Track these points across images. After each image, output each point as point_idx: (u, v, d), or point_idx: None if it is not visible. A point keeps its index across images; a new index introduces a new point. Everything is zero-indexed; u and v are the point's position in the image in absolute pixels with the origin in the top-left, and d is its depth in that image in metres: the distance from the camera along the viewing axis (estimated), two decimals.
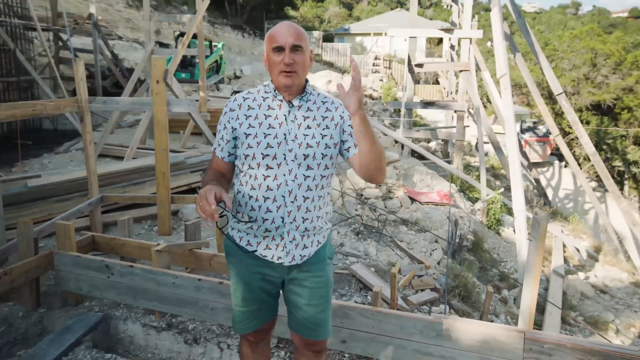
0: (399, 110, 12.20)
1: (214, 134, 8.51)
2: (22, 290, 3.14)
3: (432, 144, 14.31)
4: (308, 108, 1.83)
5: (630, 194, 18.59)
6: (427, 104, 11.17)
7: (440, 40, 33.48)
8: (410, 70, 10.12)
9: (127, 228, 3.81)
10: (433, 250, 5.28)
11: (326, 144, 1.80)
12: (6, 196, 4.46)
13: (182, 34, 15.23)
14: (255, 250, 1.84)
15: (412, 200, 7.04)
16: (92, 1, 11.88)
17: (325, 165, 1.82)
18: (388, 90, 20.11)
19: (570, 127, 17.36)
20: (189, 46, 11.34)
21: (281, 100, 1.80)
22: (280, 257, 1.83)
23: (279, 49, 1.72)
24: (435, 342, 2.50)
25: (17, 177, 5.44)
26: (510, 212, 8.80)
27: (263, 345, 2.10)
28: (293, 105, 1.80)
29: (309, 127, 1.80)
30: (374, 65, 26.36)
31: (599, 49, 19.23)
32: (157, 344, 3.03)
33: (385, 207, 6.50)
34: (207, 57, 14.13)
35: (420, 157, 10.45)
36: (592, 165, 12.31)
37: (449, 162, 10.65)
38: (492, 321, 4.21)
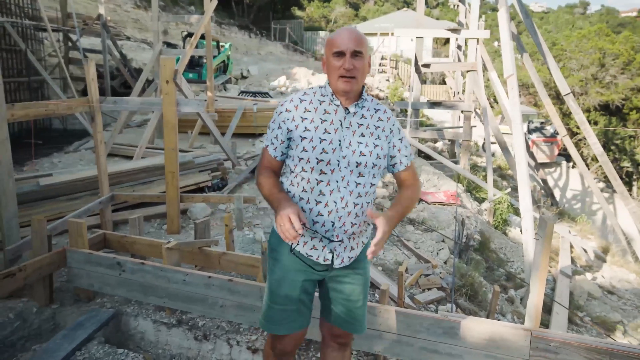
0: (406, 111, 12.20)
1: (222, 134, 8.52)
2: (36, 287, 3.20)
3: (439, 144, 14.30)
4: (362, 115, 1.85)
5: (639, 195, 18.45)
6: (433, 104, 11.17)
7: (447, 40, 33.38)
8: (417, 71, 10.12)
9: (138, 226, 3.87)
10: (440, 249, 5.30)
11: (377, 154, 1.84)
12: (19, 195, 4.52)
13: (189, 34, 15.33)
14: (302, 249, 1.87)
15: (419, 200, 7.05)
16: (100, 2, 12.00)
17: (374, 174, 1.86)
18: (395, 90, 20.11)
19: (578, 128, 17.26)
20: (196, 46, 11.42)
21: (337, 105, 1.82)
22: (327, 259, 1.86)
23: (340, 54, 1.74)
24: (442, 340, 2.52)
25: (29, 176, 5.52)
26: (517, 212, 8.78)
27: (288, 357, 2.07)
28: (349, 112, 1.82)
29: (362, 135, 1.82)
30: (380, 65, 26.35)
31: (608, 49, 19.10)
32: (167, 340, 3.08)
33: None
34: (214, 57, 14.21)
35: (427, 157, 10.45)
36: (600, 165, 12.24)
37: (456, 162, 10.64)
38: (498, 320, 4.22)
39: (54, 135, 10.70)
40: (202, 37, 10.46)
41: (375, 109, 1.88)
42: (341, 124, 1.81)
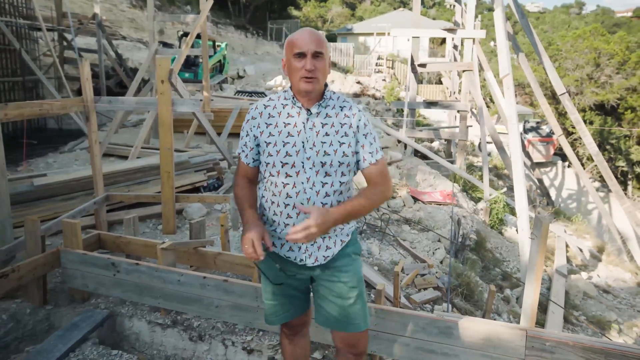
0: (402, 110, 12.21)
1: (218, 134, 8.50)
2: (30, 288, 3.18)
3: (435, 144, 14.32)
4: (327, 114, 1.84)
5: (634, 194, 18.53)
6: (430, 104, 11.18)
7: (443, 40, 33.45)
8: (413, 70, 10.13)
9: (133, 226, 3.85)
10: (436, 249, 5.30)
11: (344, 151, 1.82)
12: (13, 195, 4.50)
13: (185, 34, 15.28)
14: (279, 251, 1.91)
15: (415, 199, 7.06)
16: (96, 1, 11.95)
17: (342, 172, 1.84)
18: (391, 90, 20.13)
19: (574, 127, 17.33)
20: (192, 46, 11.39)
21: (300, 108, 1.83)
22: (302, 259, 1.89)
23: (301, 55, 1.75)
24: (438, 340, 2.52)
25: (23, 176, 5.49)
26: (512, 211, 8.80)
27: (300, 338, 2.18)
28: (311, 113, 1.83)
29: (327, 134, 1.82)
30: (376, 65, 26.37)
31: (603, 49, 19.18)
32: (162, 340, 3.06)
33: (389, 206, 6.52)
34: (210, 57, 14.18)
35: (423, 157, 10.46)
36: (596, 165, 12.30)
37: (452, 162, 10.66)
38: (494, 320, 4.22)
39: (49, 135, 10.65)
40: (198, 36, 10.43)
41: (340, 106, 1.87)
42: (304, 126, 1.82)
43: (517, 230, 8.27)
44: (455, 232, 5.63)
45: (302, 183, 1.81)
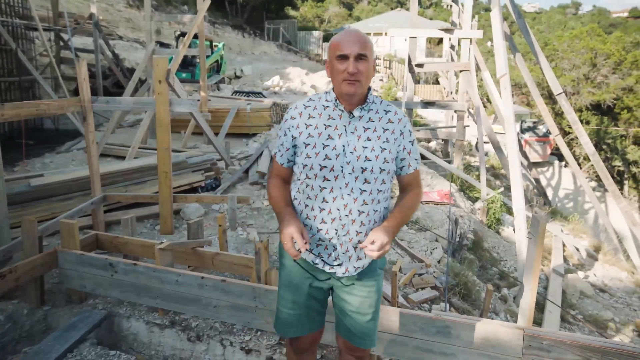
0: None
1: (216, 134, 8.48)
2: (27, 288, 3.17)
3: (433, 144, 14.34)
4: (369, 118, 1.79)
5: (630, 194, 18.62)
6: (427, 104, 11.20)
7: (440, 40, 33.51)
8: (411, 70, 10.15)
9: (130, 227, 3.84)
10: (433, 249, 5.31)
11: (385, 158, 1.76)
12: (10, 195, 4.48)
13: (182, 34, 15.26)
14: (307, 257, 1.86)
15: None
16: (92, 1, 11.91)
17: (383, 180, 1.78)
18: (388, 90, 20.14)
19: (570, 127, 17.38)
20: (189, 46, 11.36)
21: (342, 110, 1.77)
22: (331, 267, 1.83)
23: (344, 57, 1.69)
24: (436, 339, 2.52)
25: (20, 177, 5.47)
26: (510, 211, 8.83)
27: (308, 355, 2.11)
28: (353, 116, 1.77)
29: (368, 139, 1.76)
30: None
31: (599, 49, 19.26)
32: (160, 341, 3.06)
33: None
34: (207, 57, 14.16)
35: (421, 157, 10.45)
36: (592, 165, 12.35)
37: (449, 162, 10.68)
38: (492, 319, 4.24)
39: (46, 136, 10.62)
40: (196, 36, 10.42)
41: (385, 110, 1.82)
42: (345, 129, 1.76)
43: (514, 230, 8.30)
44: (453, 231, 5.64)
45: (340, 188, 1.74)
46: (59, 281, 3.44)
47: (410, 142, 1.83)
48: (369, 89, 1.82)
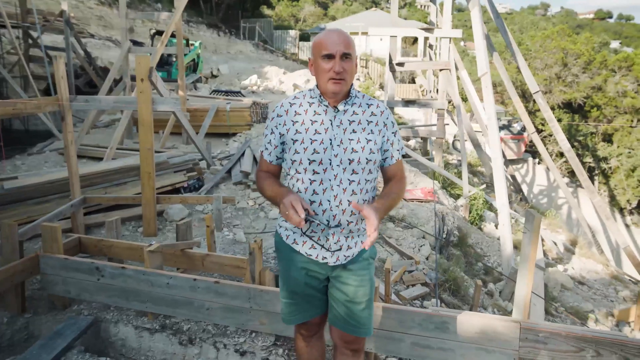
0: None
1: (197, 133, 8.29)
2: (7, 295, 3.03)
3: (411, 142, 14.48)
4: (354, 112, 1.86)
5: (600, 189, 19.25)
6: (408, 102, 11.29)
7: (415, 40, 33.87)
8: (392, 69, 10.20)
9: (115, 229, 3.71)
10: (421, 246, 5.34)
11: (370, 149, 1.84)
12: None
13: (158, 32, 14.95)
14: (301, 249, 1.91)
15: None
16: None
17: (370, 170, 1.86)
18: (366, 89, 20.25)
19: (543, 125, 17.86)
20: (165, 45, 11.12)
21: (327, 106, 1.84)
22: (325, 257, 1.88)
23: (329, 57, 1.75)
24: (434, 335, 2.52)
25: None
26: (490, 208, 8.98)
27: (316, 340, 2.17)
28: (338, 110, 1.84)
29: (354, 131, 1.83)
30: None
31: (570, 49, 19.84)
32: (150, 345, 2.96)
33: None
34: (184, 55, 13.91)
35: (403, 155, 10.53)
36: (565, 161, 12.69)
37: (430, 160, 10.79)
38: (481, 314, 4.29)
39: (15, 137, 10.20)
40: (172, 35, 10.21)
41: (367, 104, 1.90)
42: (331, 123, 1.82)
43: (496, 226, 8.46)
44: (440, 228, 5.69)
45: (330, 180, 1.81)
46: (40, 287, 3.30)
47: (393, 133, 1.92)
48: (352, 85, 1.89)
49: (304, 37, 33.54)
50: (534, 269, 6.83)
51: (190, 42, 16.43)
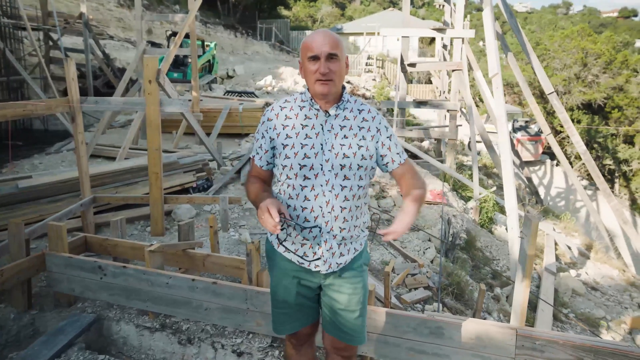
0: (392, 110, 12.23)
1: (208, 134, 8.42)
2: (14, 292, 3.11)
3: (425, 143, 14.36)
4: (345, 117, 1.82)
5: (621, 192, 18.78)
6: (420, 103, 11.20)
7: (432, 40, 33.61)
8: (403, 70, 10.14)
9: (120, 229, 3.79)
10: (426, 249, 5.30)
11: (362, 154, 1.80)
12: None
13: (174, 34, 15.14)
14: (293, 257, 1.87)
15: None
16: (82, 0, 11.79)
17: (361, 176, 1.82)
18: (381, 89, 20.16)
19: (562, 126, 17.49)
20: (181, 46, 11.28)
21: (318, 110, 1.81)
22: (317, 265, 1.85)
23: (315, 58, 1.72)
24: (429, 340, 2.51)
25: (7, 178, 5.38)
26: (502, 210, 8.85)
27: (307, 347, 2.13)
28: (329, 115, 1.80)
29: (345, 136, 1.80)
30: (366, 64, 26.40)
31: (590, 49, 19.40)
32: (150, 344, 3.01)
33: (379, 206, 6.52)
34: (199, 56, 14.07)
35: (414, 157, 10.48)
36: (583, 163, 12.43)
37: (442, 161, 10.69)
38: (484, 319, 4.24)
39: (35, 136, 10.49)
40: (187, 36, 10.34)
41: (359, 109, 1.86)
42: (322, 128, 1.79)
43: (506, 229, 8.33)
44: (446, 231, 5.64)
45: (321, 186, 1.78)
46: (46, 284, 3.39)
47: (387, 137, 1.86)
48: (343, 87, 1.85)
49: None
50: (545, 274, 6.71)
51: (205, 43, 16.60)
